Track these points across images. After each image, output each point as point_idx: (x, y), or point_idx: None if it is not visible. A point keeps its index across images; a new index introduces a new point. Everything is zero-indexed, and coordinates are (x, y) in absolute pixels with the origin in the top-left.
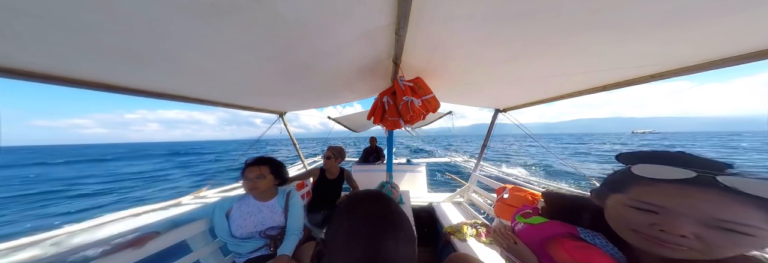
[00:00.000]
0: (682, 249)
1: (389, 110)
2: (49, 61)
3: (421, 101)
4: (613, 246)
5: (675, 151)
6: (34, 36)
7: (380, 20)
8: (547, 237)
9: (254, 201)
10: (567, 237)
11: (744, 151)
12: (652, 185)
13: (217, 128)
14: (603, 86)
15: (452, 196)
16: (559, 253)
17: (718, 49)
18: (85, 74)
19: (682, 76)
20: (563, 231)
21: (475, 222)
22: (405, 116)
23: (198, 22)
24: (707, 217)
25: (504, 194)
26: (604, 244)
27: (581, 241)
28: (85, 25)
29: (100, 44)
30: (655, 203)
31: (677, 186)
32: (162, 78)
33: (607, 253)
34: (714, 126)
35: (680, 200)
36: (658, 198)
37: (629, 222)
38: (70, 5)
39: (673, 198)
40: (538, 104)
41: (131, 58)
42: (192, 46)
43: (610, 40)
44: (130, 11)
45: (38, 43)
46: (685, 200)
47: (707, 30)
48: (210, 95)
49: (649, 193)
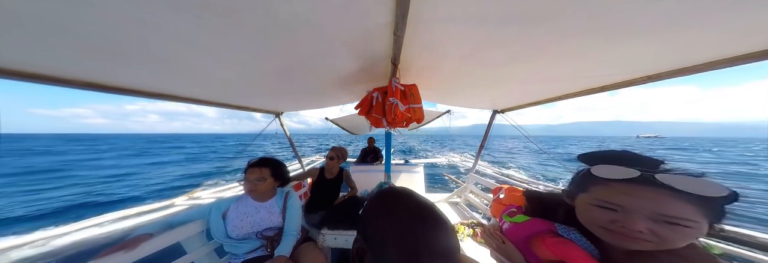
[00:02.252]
0: (641, 242)
1: (376, 106)
2: (46, 62)
3: (406, 107)
4: (585, 239)
5: (620, 150)
6: (30, 36)
7: (378, 20)
8: (530, 235)
9: (252, 202)
10: (547, 234)
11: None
12: (608, 185)
13: (217, 121)
14: (601, 87)
15: (449, 196)
16: (541, 250)
17: (715, 51)
18: (82, 74)
19: (680, 76)
20: (544, 227)
21: (472, 222)
22: (387, 116)
23: (195, 23)
24: (654, 213)
25: (500, 194)
26: (578, 238)
27: (559, 237)
28: (80, 27)
29: (98, 46)
30: (613, 202)
31: (627, 185)
32: (158, 79)
33: (582, 247)
34: (718, 132)
35: (631, 198)
36: (614, 197)
37: (596, 220)
38: (67, 6)
39: (626, 197)
40: (537, 105)
41: (128, 58)
42: (188, 47)
43: (608, 42)
44: (126, 12)
45: (34, 43)
46: (635, 198)
47: (704, 31)
48: (206, 95)
49: (606, 192)
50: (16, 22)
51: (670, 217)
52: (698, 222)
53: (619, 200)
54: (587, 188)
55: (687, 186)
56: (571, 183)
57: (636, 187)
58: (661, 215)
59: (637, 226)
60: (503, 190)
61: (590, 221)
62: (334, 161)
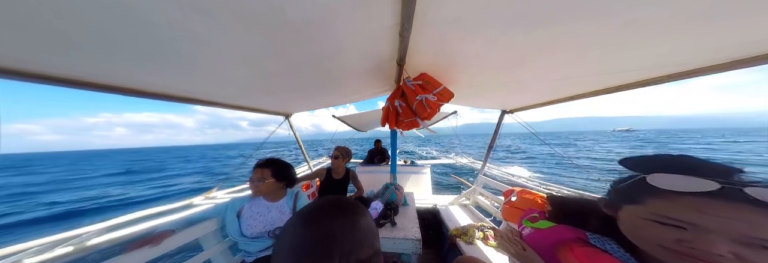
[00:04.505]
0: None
1: (403, 113)
2: (52, 62)
3: (434, 95)
4: (624, 252)
5: (678, 154)
6: (35, 34)
7: (384, 21)
8: (556, 242)
9: (264, 202)
10: (576, 243)
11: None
12: (672, 199)
13: (198, 131)
14: (616, 86)
15: (458, 198)
16: (569, 259)
17: (734, 51)
18: (98, 77)
19: (698, 76)
20: (572, 236)
21: (483, 224)
22: (421, 114)
23: (210, 25)
24: (745, 236)
25: (512, 197)
26: (616, 250)
27: (591, 247)
28: (97, 26)
29: (110, 46)
30: (683, 219)
31: (703, 200)
32: (173, 81)
33: (620, 260)
34: (673, 124)
35: (711, 217)
36: (684, 213)
37: (654, 237)
38: (81, 5)
39: (702, 215)
40: (548, 105)
41: (143, 60)
42: (201, 48)
43: (625, 42)
44: (142, 12)
45: (43, 42)
46: (717, 217)
47: (723, 31)
48: (219, 97)
49: (672, 207)
50: (18, 22)
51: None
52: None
53: (692, 218)
54: (641, 200)
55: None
56: (616, 192)
57: (717, 203)
58: (758, 238)
59: (718, 250)
60: (515, 193)
61: (645, 238)
62: (339, 160)
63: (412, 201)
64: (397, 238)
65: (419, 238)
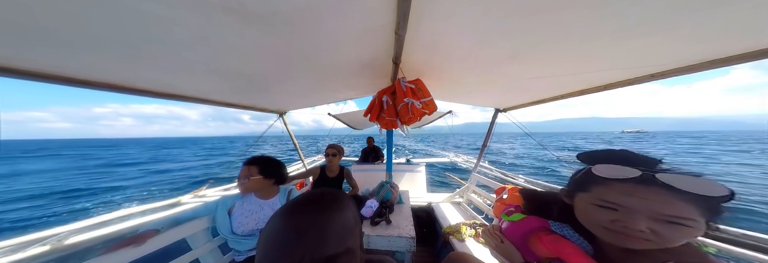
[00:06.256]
0: (641, 241)
1: (387, 110)
2: (48, 60)
3: (420, 103)
4: (579, 236)
5: (619, 149)
6: (34, 34)
7: (379, 19)
8: (526, 232)
9: (256, 199)
10: (542, 231)
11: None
12: (609, 185)
13: (201, 123)
14: (605, 85)
15: (451, 196)
16: (538, 247)
17: (719, 48)
18: (83, 73)
19: (683, 75)
20: (538, 225)
21: (474, 222)
22: (403, 117)
23: (200, 19)
24: (655, 213)
25: (503, 194)
26: (572, 234)
27: (554, 234)
28: (84, 23)
29: (99, 43)
30: (615, 201)
31: (629, 185)
32: (161, 77)
33: (576, 243)
34: (679, 126)
35: (633, 198)
36: (616, 196)
37: (597, 219)
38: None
39: (628, 197)
40: (540, 104)
41: (131, 56)
42: (192, 44)
43: (612, 40)
44: (127, 6)
45: (40, 41)
46: (637, 198)
47: (708, 28)
48: (210, 94)
49: (608, 192)
50: (19, 21)
51: (672, 217)
52: (697, 221)
53: (621, 200)
54: (587, 187)
55: (688, 186)
56: (571, 182)
57: (637, 187)
58: (663, 214)
59: (639, 226)
60: (506, 190)
61: (591, 220)
62: (335, 157)
63: (407, 199)
64: (392, 236)
65: (413, 236)
